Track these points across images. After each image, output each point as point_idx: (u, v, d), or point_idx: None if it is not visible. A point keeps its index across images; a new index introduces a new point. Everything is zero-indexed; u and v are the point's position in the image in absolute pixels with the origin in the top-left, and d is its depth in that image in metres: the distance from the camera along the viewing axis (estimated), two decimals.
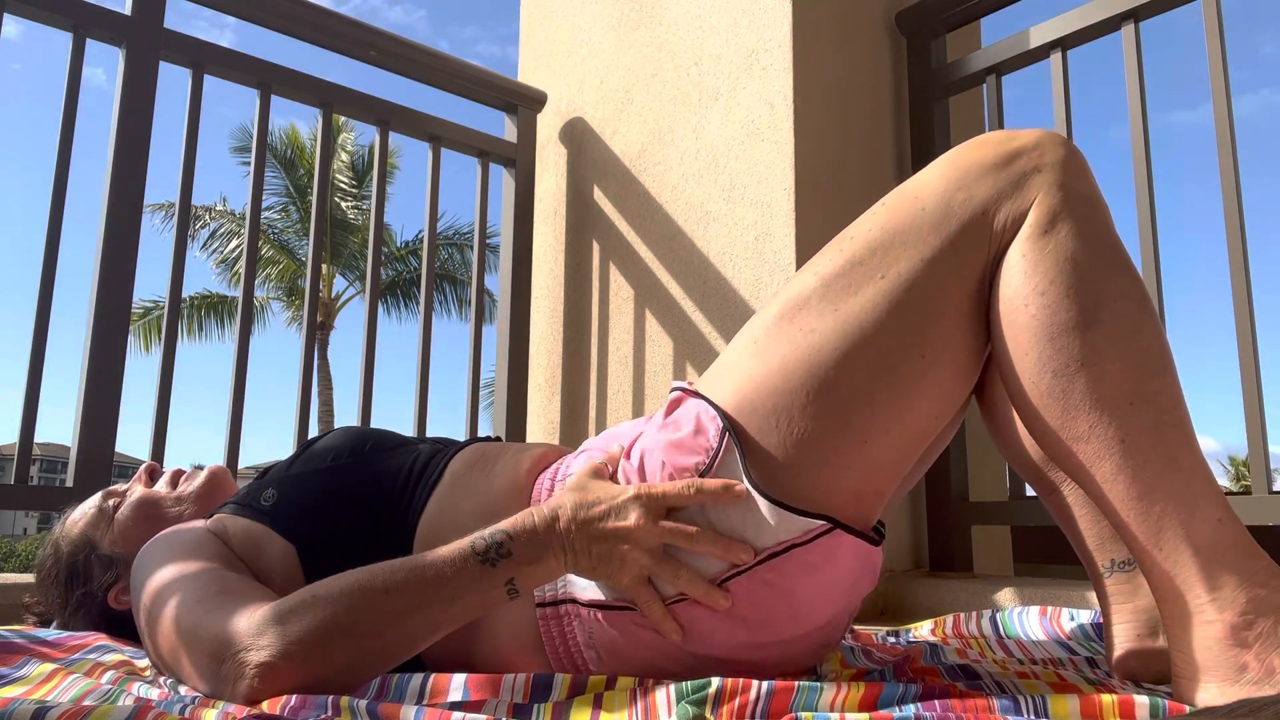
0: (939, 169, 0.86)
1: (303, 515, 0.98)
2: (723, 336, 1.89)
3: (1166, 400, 0.77)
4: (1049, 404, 0.79)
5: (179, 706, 0.76)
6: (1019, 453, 0.97)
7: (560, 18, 2.41)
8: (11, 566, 17.36)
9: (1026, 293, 0.79)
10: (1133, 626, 0.92)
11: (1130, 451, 0.76)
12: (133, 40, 1.69)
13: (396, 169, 18.49)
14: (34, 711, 0.67)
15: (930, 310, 0.82)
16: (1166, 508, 0.75)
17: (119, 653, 1.04)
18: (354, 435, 1.06)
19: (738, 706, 0.71)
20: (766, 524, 0.82)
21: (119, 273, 1.62)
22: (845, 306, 0.82)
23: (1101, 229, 0.81)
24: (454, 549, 0.82)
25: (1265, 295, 13.90)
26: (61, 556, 1.13)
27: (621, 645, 0.86)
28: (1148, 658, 0.91)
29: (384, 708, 0.69)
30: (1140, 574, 0.91)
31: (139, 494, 1.17)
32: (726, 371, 0.88)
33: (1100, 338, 0.77)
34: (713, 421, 0.85)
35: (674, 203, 2.04)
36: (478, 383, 2.14)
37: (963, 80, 1.93)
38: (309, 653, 0.77)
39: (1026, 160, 0.82)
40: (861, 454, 0.82)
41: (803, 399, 0.82)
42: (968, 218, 0.82)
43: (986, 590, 1.62)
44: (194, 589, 0.86)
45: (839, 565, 0.83)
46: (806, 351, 0.83)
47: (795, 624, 0.85)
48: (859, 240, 0.85)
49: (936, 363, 0.82)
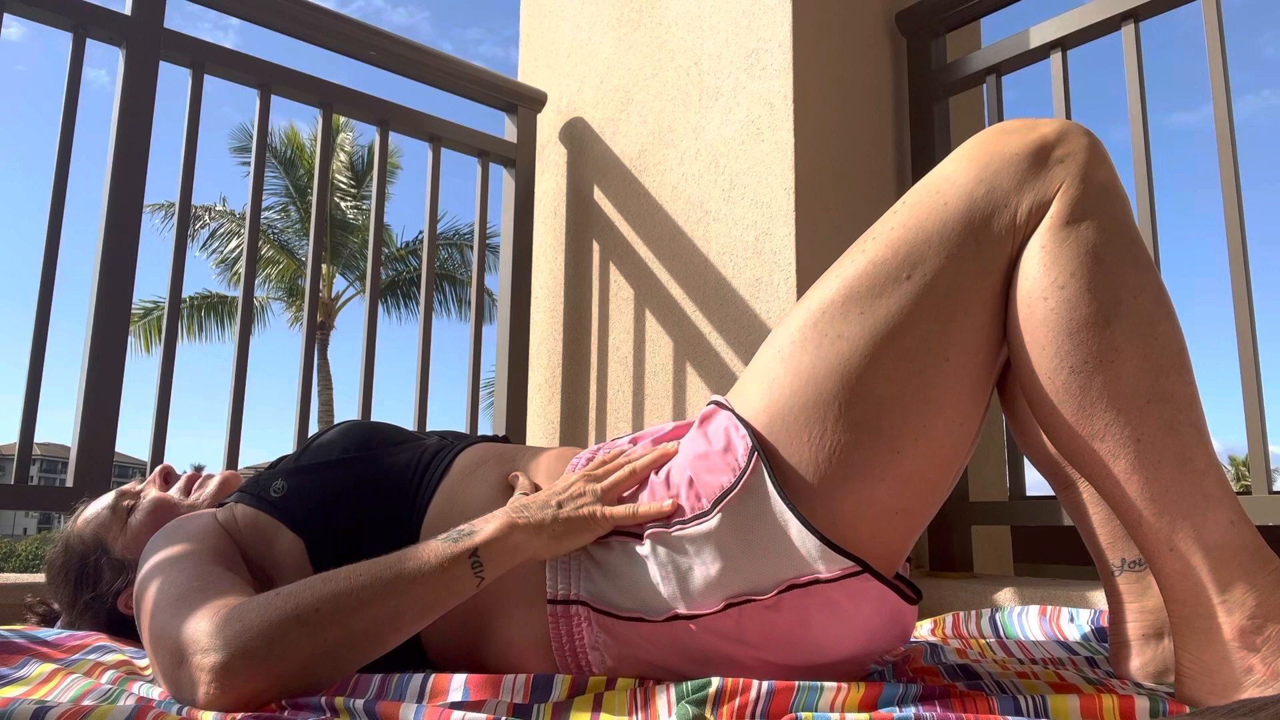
0: (960, 163, 0.84)
1: (311, 509, 0.97)
2: (723, 336, 1.89)
3: (1183, 399, 0.76)
4: (1065, 401, 0.77)
5: (178, 707, 0.76)
6: (1038, 447, 0.96)
7: (560, 18, 2.41)
8: (11, 566, 17.34)
9: (1045, 285, 0.78)
10: (1139, 626, 0.92)
11: (1145, 451, 0.75)
12: (133, 40, 1.69)
13: (396, 169, 18.48)
14: (34, 711, 0.67)
15: (956, 310, 0.80)
16: (1179, 509, 0.74)
17: (119, 653, 1.04)
18: (361, 429, 1.06)
19: (738, 706, 0.71)
20: (795, 551, 0.79)
21: (119, 273, 1.62)
22: (872, 310, 0.81)
23: (1123, 221, 0.80)
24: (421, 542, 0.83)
25: (1265, 296, 13.83)
26: (72, 556, 1.12)
27: (627, 653, 0.85)
28: (1152, 658, 0.91)
29: (383, 707, 0.69)
30: (1150, 574, 0.90)
31: (153, 498, 1.15)
32: (756, 383, 0.86)
33: (1118, 334, 0.76)
34: (742, 440, 0.83)
35: (674, 202, 2.04)
36: (478, 383, 2.14)
37: (963, 80, 1.93)
38: (270, 647, 0.74)
39: (1050, 150, 0.81)
40: (894, 465, 0.80)
41: (835, 410, 0.80)
42: (991, 211, 0.80)
43: (986, 590, 1.62)
44: (173, 587, 0.84)
45: (861, 610, 0.81)
46: (835, 360, 0.81)
47: (807, 655, 0.83)
48: (881, 241, 0.83)
49: (960, 365, 0.81)
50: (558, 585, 0.87)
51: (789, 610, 0.80)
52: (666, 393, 1.98)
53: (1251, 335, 1.44)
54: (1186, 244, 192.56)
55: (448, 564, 0.80)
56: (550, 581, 0.87)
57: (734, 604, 0.81)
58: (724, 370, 1.87)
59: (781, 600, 0.80)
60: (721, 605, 0.81)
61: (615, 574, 0.85)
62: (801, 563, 0.79)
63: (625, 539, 0.86)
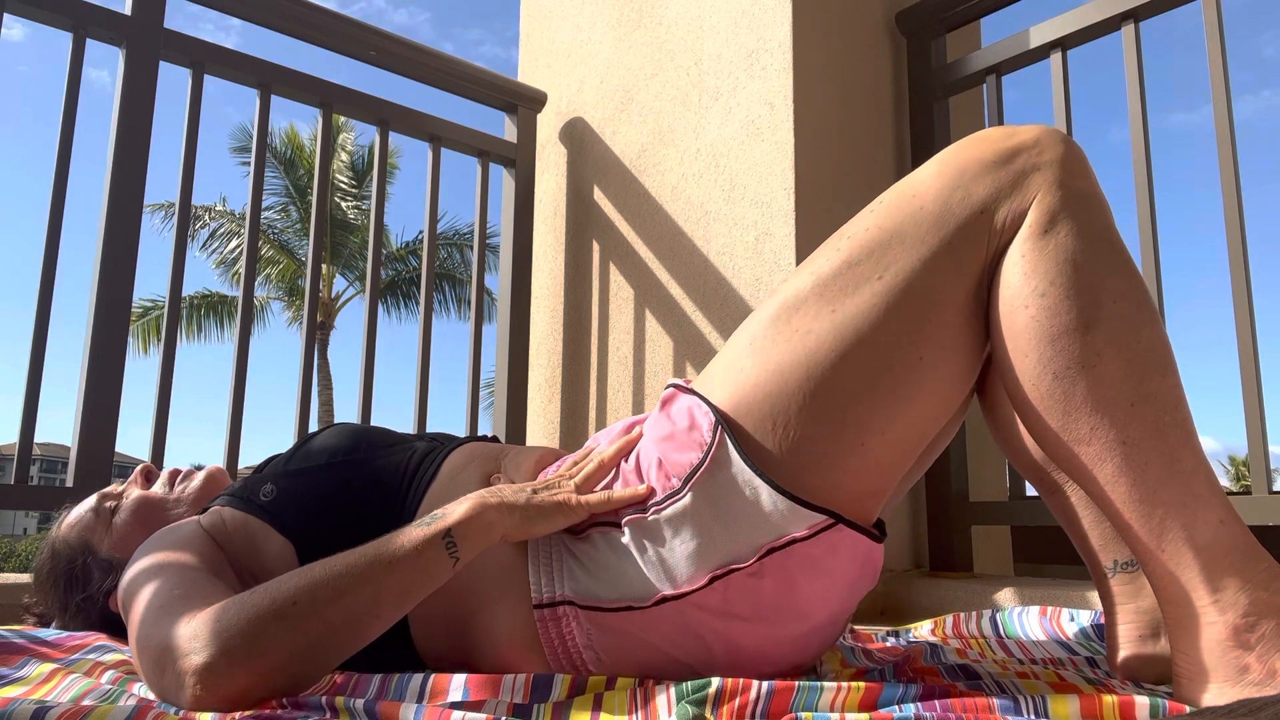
0: (936, 168, 0.85)
1: (300, 512, 0.97)
2: (723, 336, 1.89)
3: (1168, 400, 0.76)
4: (1050, 406, 0.78)
5: (177, 707, 0.76)
6: (1021, 452, 0.97)
7: (560, 18, 2.41)
8: (11, 566, 17.35)
9: (1026, 294, 0.79)
10: (1135, 627, 0.92)
11: (1132, 453, 0.75)
12: (133, 40, 1.69)
13: (396, 169, 18.50)
14: (34, 711, 0.67)
15: (929, 311, 0.81)
16: (1168, 510, 0.75)
17: (119, 652, 1.03)
18: (350, 432, 1.06)
19: (738, 706, 0.71)
20: (768, 516, 0.81)
21: (119, 273, 1.62)
22: (842, 308, 0.82)
23: (1101, 227, 0.80)
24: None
25: (1265, 296, 13.86)
26: (60, 561, 1.12)
27: (620, 646, 0.86)
28: (1150, 659, 0.91)
29: (383, 706, 0.69)
30: (1143, 575, 0.91)
31: (136, 496, 1.15)
32: (723, 372, 0.88)
33: (1100, 339, 0.77)
34: (705, 416, 0.85)
35: (674, 202, 2.04)
36: (478, 383, 2.14)
37: (963, 80, 1.93)
38: (250, 644, 0.74)
39: (1026, 158, 0.81)
40: (859, 456, 0.82)
41: (799, 402, 0.82)
42: (966, 217, 0.81)
43: (986, 590, 1.62)
44: (156, 596, 0.84)
45: (840, 561, 0.83)
46: (802, 353, 0.82)
47: (795, 621, 0.85)
48: (855, 240, 0.84)
49: (935, 364, 0.82)
50: (542, 588, 0.87)
51: (772, 575, 0.82)
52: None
53: (1251, 336, 1.44)
54: (1186, 245, 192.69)
55: (422, 547, 0.80)
56: (535, 585, 0.87)
57: (718, 576, 0.82)
58: None
59: (763, 566, 0.81)
60: (706, 580, 0.82)
61: (598, 567, 0.86)
62: (776, 525, 0.81)
63: (605, 529, 0.87)
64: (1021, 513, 1.72)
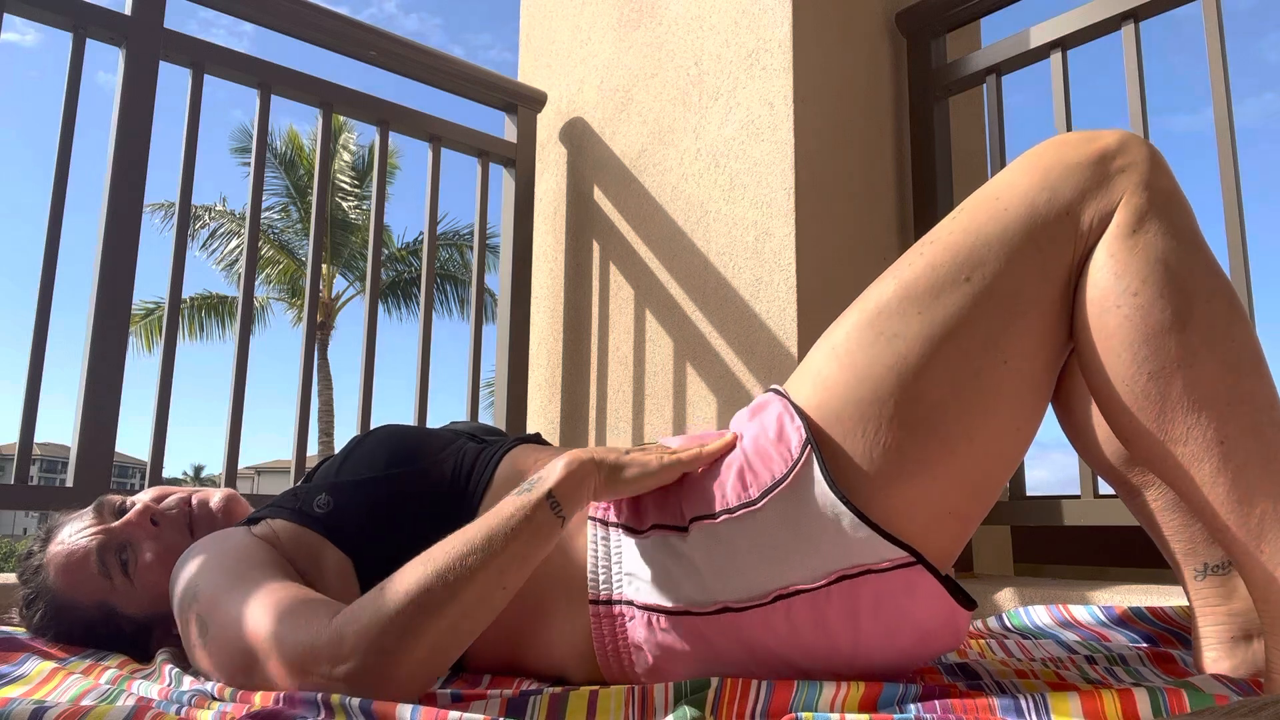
0: (1020, 170, 0.84)
1: (360, 528, 0.95)
2: (723, 337, 1.89)
3: (1263, 400, 0.76)
4: (1144, 407, 0.77)
5: (175, 707, 0.76)
6: (1099, 455, 0.96)
7: (560, 18, 2.41)
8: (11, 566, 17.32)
9: (1118, 293, 0.78)
10: (1228, 629, 0.91)
11: (1230, 453, 0.75)
12: (133, 40, 1.69)
13: (396, 169, 18.49)
14: (32, 711, 0.67)
15: (1015, 313, 0.80)
16: (1267, 509, 0.74)
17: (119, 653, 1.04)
18: (399, 439, 1.03)
19: (738, 707, 0.71)
20: (846, 542, 0.79)
21: (119, 273, 1.62)
22: (930, 311, 0.81)
23: (1189, 228, 0.80)
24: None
25: (1265, 296, 13.93)
26: (76, 626, 1.05)
27: (674, 649, 0.84)
28: (1244, 660, 0.90)
29: (379, 706, 0.69)
30: (1235, 577, 0.90)
31: (153, 549, 1.06)
32: (809, 379, 0.86)
33: (1195, 338, 0.76)
34: (796, 431, 0.84)
35: (674, 203, 2.04)
36: (478, 383, 2.14)
37: (963, 80, 1.93)
38: (400, 640, 0.75)
39: (1111, 160, 0.81)
40: (948, 465, 0.80)
41: (890, 408, 0.80)
42: (1053, 218, 0.81)
43: (986, 590, 1.62)
44: (262, 599, 0.83)
45: (914, 604, 0.81)
46: (892, 358, 0.81)
47: (852, 656, 0.83)
48: (939, 244, 0.83)
49: (1019, 368, 0.81)
50: (600, 586, 0.87)
51: (838, 602, 0.80)
52: (666, 393, 1.98)
53: None
54: None
55: (531, 512, 0.81)
56: (593, 582, 0.87)
57: (783, 596, 0.81)
58: (724, 370, 1.87)
59: (831, 591, 0.80)
60: (770, 597, 0.81)
61: (660, 569, 0.85)
62: (853, 552, 0.79)
63: (668, 533, 0.86)
64: (1021, 513, 1.72)
